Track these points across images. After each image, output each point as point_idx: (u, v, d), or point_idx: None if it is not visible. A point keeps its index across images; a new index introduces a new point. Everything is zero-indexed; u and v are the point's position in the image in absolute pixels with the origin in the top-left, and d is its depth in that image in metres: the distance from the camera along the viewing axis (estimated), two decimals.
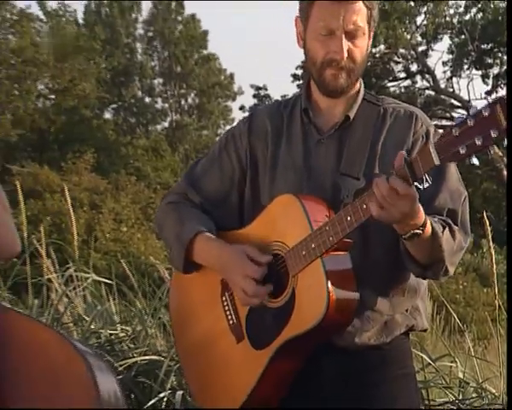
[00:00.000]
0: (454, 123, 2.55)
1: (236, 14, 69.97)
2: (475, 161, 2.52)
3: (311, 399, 2.93)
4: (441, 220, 2.82)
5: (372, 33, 2.99)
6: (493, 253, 4.88)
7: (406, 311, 2.98)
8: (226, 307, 3.00)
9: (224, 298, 3.00)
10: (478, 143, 2.48)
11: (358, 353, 2.91)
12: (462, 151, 2.51)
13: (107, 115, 42.68)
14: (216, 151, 3.15)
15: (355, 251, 2.82)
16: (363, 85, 3.06)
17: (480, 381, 4.97)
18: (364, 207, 2.68)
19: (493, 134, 2.46)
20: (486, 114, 2.46)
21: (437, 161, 2.55)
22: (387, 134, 2.97)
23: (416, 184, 2.60)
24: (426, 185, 2.63)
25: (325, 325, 2.77)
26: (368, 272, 2.83)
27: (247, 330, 2.95)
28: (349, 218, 2.71)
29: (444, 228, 2.80)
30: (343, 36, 2.86)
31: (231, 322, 2.98)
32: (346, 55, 2.87)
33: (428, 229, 2.73)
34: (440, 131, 2.84)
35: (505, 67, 32.78)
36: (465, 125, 2.50)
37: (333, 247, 2.76)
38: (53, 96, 39.09)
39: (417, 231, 2.70)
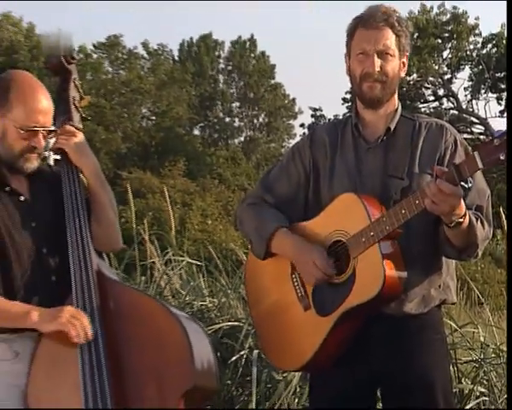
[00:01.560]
0: (495, 135, 2.56)
1: (299, 53, 69.89)
2: None
3: (361, 358, 2.91)
4: (474, 214, 2.82)
5: (404, 59, 3.01)
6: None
7: (439, 287, 2.96)
8: (295, 283, 2.99)
9: (293, 276, 3.00)
10: None
11: (402, 320, 2.89)
12: (502, 157, 2.52)
13: (196, 132, 42.92)
14: (284, 162, 3.16)
15: (400, 240, 2.81)
16: (400, 105, 3.06)
17: (498, 344, 4.92)
18: (417, 202, 2.70)
19: None
20: None
21: (481, 165, 2.58)
22: (424, 142, 2.97)
23: (462, 183, 2.62)
24: (470, 185, 2.65)
25: (381, 297, 2.77)
26: (410, 257, 2.81)
27: (313, 300, 2.94)
28: (403, 211, 2.72)
29: (477, 219, 2.82)
30: (375, 55, 2.90)
31: (300, 294, 2.98)
32: (377, 69, 2.91)
33: (467, 218, 2.75)
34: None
35: None
36: (504, 136, 2.52)
37: (387, 235, 2.76)
38: (154, 118, 39.41)
39: (460, 219, 2.72)
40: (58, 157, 3.08)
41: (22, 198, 2.92)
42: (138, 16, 65.63)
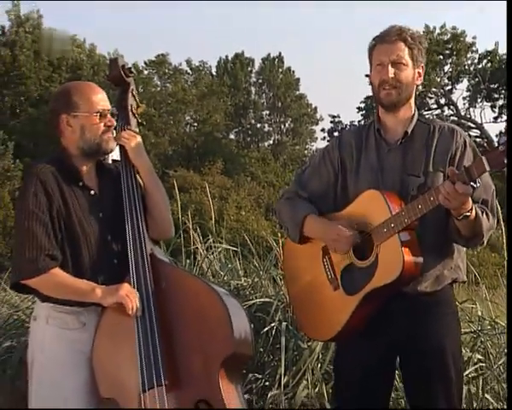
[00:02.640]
0: (500, 142, 2.55)
1: (321, 67, 69.51)
2: None
3: (382, 331, 2.91)
4: (480, 207, 2.81)
5: (420, 69, 2.99)
6: (503, 228, 4.74)
7: (451, 268, 2.94)
8: (326, 267, 2.98)
9: (324, 260, 2.99)
10: None
11: (419, 296, 2.88)
12: (506, 161, 2.53)
13: (232, 136, 42.79)
14: (317, 163, 3.14)
15: (417, 231, 2.80)
16: (417, 112, 3.03)
17: (493, 317, 4.88)
18: (432, 199, 2.69)
19: None
20: None
21: (488, 168, 2.57)
22: (437, 144, 2.94)
23: (471, 183, 2.61)
24: (478, 185, 2.64)
25: (401, 279, 2.76)
26: (425, 245, 2.80)
27: (341, 282, 2.93)
28: (420, 206, 2.72)
29: (482, 212, 2.80)
30: (389, 65, 2.89)
31: (330, 276, 2.97)
32: (391, 76, 2.89)
33: (474, 212, 2.73)
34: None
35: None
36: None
37: (406, 226, 2.76)
38: (196, 124, 39.44)
39: (467, 213, 2.71)
40: (116, 158, 3.10)
41: (92, 192, 2.95)
42: (183, 37, 65.77)
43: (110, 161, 3.13)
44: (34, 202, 2.80)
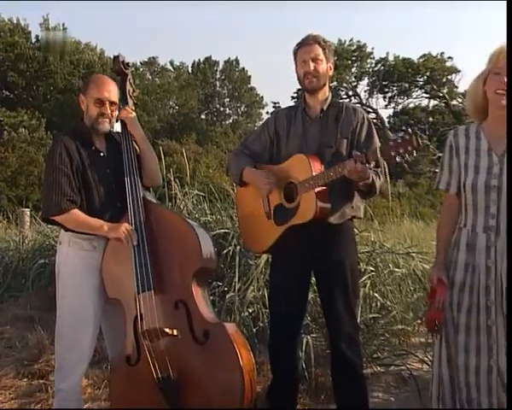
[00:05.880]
0: (391, 139, 2.53)
1: (266, 67, 68.64)
2: (398, 159, 2.53)
3: (302, 252, 2.90)
4: (374, 170, 2.81)
5: (330, 63, 2.96)
6: (388, 179, 4.72)
7: (352, 207, 2.93)
8: (264, 202, 2.97)
9: (264, 198, 2.97)
10: (401, 151, 2.50)
11: (328, 227, 2.87)
12: (393, 154, 2.52)
13: (203, 117, 42.18)
14: (258, 131, 3.11)
15: (329, 183, 2.78)
16: (331, 95, 3.01)
17: (382, 241, 4.98)
18: (340, 170, 2.68)
19: (410, 148, 2.48)
20: (408, 137, 2.48)
21: (380, 156, 2.58)
22: (343, 119, 2.93)
23: (367, 164, 2.62)
24: (372, 165, 2.66)
25: (313, 220, 2.77)
26: (335, 190, 2.80)
27: (274, 215, 2.93)
28: (331, 173, 2.71)
29: (376, 175, 2.80)
30: (310, 60, 2.87)
31: (266, 210, 2.96)
32: (312, 68, 2.88)
33: (370, 179, 2.74)
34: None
35: (394, 93, 32.39)
36: (396, 141, 2.51)
37: (321, 184, 2.76)
38: (177, 108, 38.81)
39: (366, 181, 2.71)
40: (119, 130, 3.05)
41: (102, 154, 2.90)
42: (168, 44, 64.19)
43: (115, 131, 3.07)
44: (59, 160, 2.75)
